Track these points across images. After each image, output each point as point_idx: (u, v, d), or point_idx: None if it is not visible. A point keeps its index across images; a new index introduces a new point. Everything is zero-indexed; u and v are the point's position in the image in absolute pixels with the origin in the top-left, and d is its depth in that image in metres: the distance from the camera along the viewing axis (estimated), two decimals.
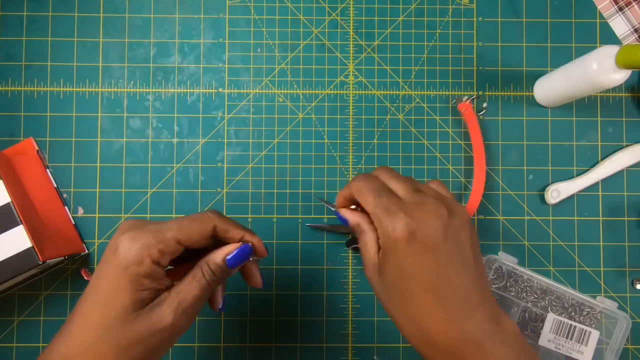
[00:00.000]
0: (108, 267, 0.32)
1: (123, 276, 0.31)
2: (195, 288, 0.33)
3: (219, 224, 0.35)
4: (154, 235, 0.32)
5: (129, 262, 0.31)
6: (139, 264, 0.31)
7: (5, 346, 0.49)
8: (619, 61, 0.40)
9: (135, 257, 0.31)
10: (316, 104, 0.51)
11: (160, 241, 0.32)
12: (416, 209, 0.33)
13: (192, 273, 0.34)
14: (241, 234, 0.36)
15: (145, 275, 0.31)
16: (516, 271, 0.47)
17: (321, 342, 0.50)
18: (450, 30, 0.52)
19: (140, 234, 0.32)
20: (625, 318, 0.46)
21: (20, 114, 0.50)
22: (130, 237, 0.32)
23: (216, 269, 0.34)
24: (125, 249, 0.31)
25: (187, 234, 0.33)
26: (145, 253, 0.31)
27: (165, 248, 0.32)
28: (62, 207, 0.49)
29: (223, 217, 0.35)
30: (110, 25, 0.51)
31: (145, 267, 0.31)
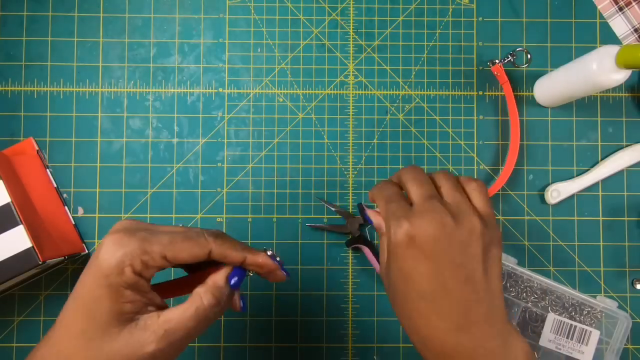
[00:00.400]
0: (89, 271, 0.29)
1: (103, 284, 0.28)
2: (191, 319, 0.29)
3: (216, 250, 0.31)
4: (141, 244, 0.29)
5: (109, 270, 0.28)
6: (119, 274, 0.28)
7: (5, 346, 0.49)
8: (619, 61, 0.40)
9: (116, 265, 0.28)
10: (316, 104, 0.51)
11: (145, 252, 0.29)
12: (420, 216, 0.33)
13: (190, 300, 0.30)
14: (242, 257, 0.32)
15: (127, 287, 0.28)
16: (516, 271, 0.47)
17: (321, 342, 0.50)
18: (450, 30, 0.52)
19: (127, 240, 0.29)
20: (625, 317, 0.46)
21: (20, 114, 0.50)
22: (114, 242, 0.29)
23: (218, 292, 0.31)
24: (107, 254, 0.28)
25: (176, 252, 0.29)
26: (127, 262, 0.28)
27: (150, 261, 0.29)
28: (62, 207, 0.49)
29: (223, 240, 0.32)
30: (110, 25, 0.51)
31: (126, 278, 0.28)
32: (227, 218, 0.50)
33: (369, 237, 0.50)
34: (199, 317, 0.30)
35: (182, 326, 0.29)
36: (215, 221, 0.50)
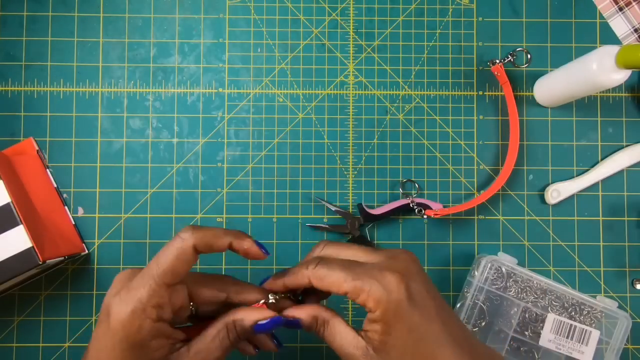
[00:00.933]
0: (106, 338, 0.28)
1: (126, 347, 0.27)
2: (217, 349, 0.30)
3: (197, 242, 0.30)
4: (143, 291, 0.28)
5: (126, 330, 0.27)
6: (139, 330, 0.27)
7: (5, 346, 0.49)
8: (619, 61, 0.40)
9: (132, 324, 0.27)
10: (316, 104, 0.51)
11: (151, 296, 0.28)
12: (395, 262, 0.30)
13: (215, 329, 0.30)
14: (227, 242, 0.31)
15: (151, 337, 0.28)
16: (516, 271, 0.47)
17: (321, 342, 0.49)
18: (450, 30, 0.52)
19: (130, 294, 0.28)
20: (625, 317, 0.46)
21: (20, 114, 0.50)
22: (120, 301, 0.28)
23: (242, 331, 0.31)
24: (119, 315, 0.27)
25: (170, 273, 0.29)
26: (142, 317, 0.27)
27: (159, 300, 0.28)
28: (62, 207, 0.49)
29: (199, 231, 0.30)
30: (110, 25, 0.51)
31: (147, 331, 0.27)
32: (227, 218, 0.50)
33: (369, 237, 0.50)
34: (224, 347, 0.30)
35: (211, 356, 0.30)
36: (215, 221, 0.50)
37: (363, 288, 0.29)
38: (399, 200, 0.49)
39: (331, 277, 0.29)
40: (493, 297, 0.47)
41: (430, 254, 0.50)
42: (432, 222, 0.51)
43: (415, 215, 0.50)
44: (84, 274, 0.49)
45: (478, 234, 0.50)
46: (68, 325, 0.49)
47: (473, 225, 0.51)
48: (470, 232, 0.50)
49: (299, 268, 0.31)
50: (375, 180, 0.51)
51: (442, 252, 0.50)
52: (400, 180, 0.51)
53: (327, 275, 0.30)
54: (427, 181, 0.51)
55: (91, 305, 0.49)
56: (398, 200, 0.49)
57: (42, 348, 0.49)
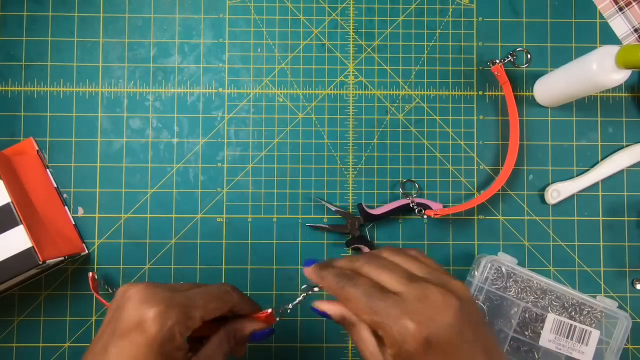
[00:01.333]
0: (138, 346, 0.30)
1: (158, 353, 0.30)
2: (220, 354, 0.34)
3: (238, 303, 0.35)
4: (184, 312, 0.31)
5: (164, 339, 0.30)
6: (172, 341, 0.30)
7: (5, 346, 0.49)
8: (619, 61, 0.40)
9: (169, 334, 0.30)
10: (316, 104, 0.51)
11: (189, 318, 0.31)
12: (421, 306, 0.29)
13: (218, 338, 0.34)
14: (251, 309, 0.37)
15: (177, 349, 0.31)
16: (516, 271, 0.47)
17: (321, 342, 0.50)
18: (450, 30, 0.52)
19: (172, 311, 0.31)
20: (625, 317, 0.46)
21: (20, 114, 0.50)
22: (161, 314, 0.30)
23: (241, 340, 0.36)
24: (159, 326, 0.30)
25: (211, 312, 0.33)
26: (177, 330, 0.31)
27: (192, 325, 0.32)
28: (62, 207, 0.49)
29: (240, 295, 0.36)
30: (110, 25, 0.51)
31: (177, 343, 0.31)
32: (227, 218, 0.50)
33: (369, 237, 0.50)
34: (224, 354, 0.34)
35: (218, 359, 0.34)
36: (215, 221, 0.50)
37: (380, 326, 0.29)
38: (399, 200, 0.49)
39: (354, 305, 0.31)
40: (493, 297, 0.47)
41: (430, 254, 0.50)
42: (432, 222, 0.51)
43: (415, 215, 0.50)
44: (84, 274, 0.49)
45: (478, 234, 0.50)
46: (68, 325, 0.49)
47: (473, 225, 0.51)
48: (470, 232, 0.50)
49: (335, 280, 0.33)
50: (375, 180, 0.51)
51: (442, 252, 0.50)
52: (400, 180, 0.51)
53: (350, 299, 0.31)
54: (427, 181, 0.51)
55: (91, 305, 0.49)
56: (398, 200, 0.49)
57: (42, 348, 0.49)
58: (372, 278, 0.32)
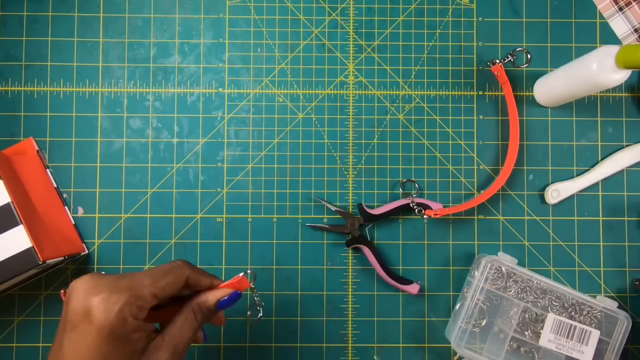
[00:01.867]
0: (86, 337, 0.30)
1: (111, 340, 0.30)
2: (189, 331, 0.34)
3: (191, 275, 0.35)
4: (131, 294, 0.31)
5: (113, 325, 0.30)
6: (124, 324, 0.30)
7: (5, 346, 0.49)
8: (619, 61, 0.40)
9: (118, 319, 0.30)
10: (316, 104, 0.51)
11: (138, 298, 0.31)
12: None
13: (183, 316, 0.34)
14: (209, 281, 0.36)
15: (133, 331, 0.31)
16: (516, 271, 0.47)
17: (321, 342, 0.50)
18: (450, 30, 0.52)
19: (116, 295, 0.30)
20: (625, 317, 0.46)
21: (20, 114, 0.50)
22: (105, 300, 0.30)
23: (207, 311, 0.35)
24: (105, 312, 0.30)
25: (162, 288, 0.33)
26: (127, 313, 0.30)
27: (144, 304, 0.32)
28: (62, 207, 0.49)
29: (194, 267, 0.36)
30: (110, 25, 0.51)
31: (130, 325, 0.30)
32: (227, 218, 0.50)
33: (369, 237, 0.50)
34: (193, 329, 0.34)
35: (185, 338, 0.34)
36: (215, 221, 0.50)
37: None
38: (399, 200, 0.49)
39: None
40: (493, 297, 0.47)
41: (430, 254, 0.50)
42: (432, 222, 0.51)
43: (415, 215, 0.50)
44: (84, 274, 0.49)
45: (478, 234, 0.50)
46: None
47: (473, 225, 0.51)
48: (470, 232, 0.50)
49: None
50: (375, 180, 0.51)
51: (442, 252, 0.50)
52: (400, 180, 0.51)
53: None
54: (427, 181, 0.51)
55: None
56: (398, 200, 0.49)
57: (42, 348, 0.49)
58: None
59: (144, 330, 0.32)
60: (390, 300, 0.50)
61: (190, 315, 0.35)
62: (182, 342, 0.33)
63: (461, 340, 0.46)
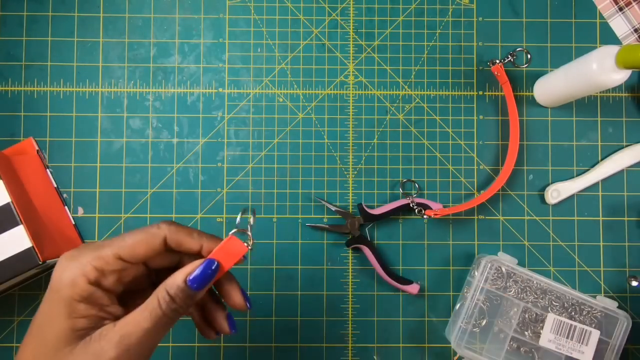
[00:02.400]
0: (46, 300, 0.27)
1: (55, 301, 0.26)
2: (146, 320, 0.27)
3: (170, 235, 0.29)
4: (92, 252, 0.27)
5: (60, 284, 0.26)
6: (72, 286, 0.26)
7: (5, 346, 0.49)
8: (619, 61, 0.40)
9: (69, 278, 0.26)
10: (316, 104, 0.51)
11: (97, 257, 0.27)
12: None
13: (144, 303, 0.28)
14: (198, 244, 0.30)
15: (80, 299, 0.26)
16: (516, 271, 0.47)
17: (321, 342, 0.50)
18: (450, 30, 0.52)
19: (77, 253, 0.27)
20: (625, 317, 0.46)
21: (20, 114, 0.50)
22: (66, 257, 0.27)
23: (177, 293, 0.28)
24: (60, 270, 0.27)
25: (129, 248, 0.28)
26: (79, 272, 0.26)
27: (104, 265, 0.27)
28: (62, 207, 0.49)
29: (176, 226, 0.30)
30: (110, 25, 0.51)
31: (80, 290, 0.26)
32: (227, 218, 0.50)
33: (369, 237, 0.50)
34: (154, 318, 0.27)
35: (139, 328, 0.27)
36: (215, 221, 0.50)
37: None
38: (399, 200, 0.49)
39: None
40: (493, 297, 0.47)
41: (430, 254, 0.50)
42: (432, 222, 0.51)
43: (415, 215, 0.50)
44: None
45: (478, 234, 0.50)
46: None
47: (473, 225, 0.51)
48: (470, 232, 0.50)
49: None
50: (375, 180, 0.51)
51: (442, 252, 0.50)
52: (400, 180, 0.51)
53: None
54: (427, 181, 0.51)
55: None
56: (398, 200, 0.49)
57: None
58: None
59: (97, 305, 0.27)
60: (390, 300, 0.50)
61: (153, 301, 0.27)
62: (133, 332, 0.27)
63: (461, 340, 0.46)
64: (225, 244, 0.30)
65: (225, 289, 0.31)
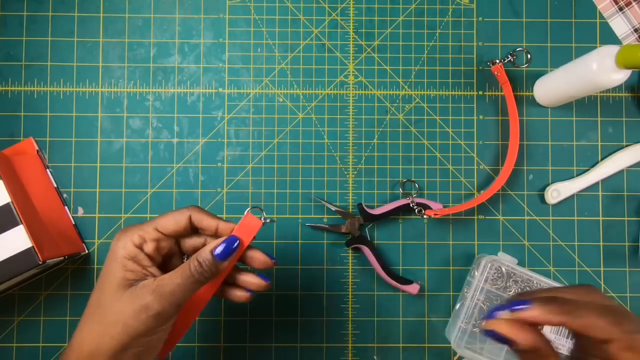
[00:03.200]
0: (107, 257, 0.36)
1: (112, 259, 0.36)
2: (177, 277, 0.35)
3: (194, 214, 0.37)
4: (138, 227, 0.37)
5: (117, 247, 0.36)
6: (124, 248, 0.35)
7: (5, 346, 0.49)
8: (619, 61, 0.40)
9: (121, 243, 0.36)
10: (316, 104, 0.51)
11: (140, 229, 0.36)
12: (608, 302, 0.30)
13: (179, 267, 0.36)
14: (215, 223, 0.38)
15: (129, 257, 0.35)
16: (516, 271, 0.47)
17: (321, 342, 0.50)
18: (450, 30, 0.52)
19: (129, 228, 0.37)
20: None
21: (20, 114, 0.50)
22: (122, 231, 0.37)
23: (204, 261, 0.36)
24: (116, 239, 0.36)
25: (163, 222, 0.37)
26: (129, 239, 0.36)
27: (145, 234, 0.36)
28: (62, 207, 0.49)
29: (200, 209, 0.38)
30: (110, 25, 0.51)
31: (128, 250, 0.35)
32: (227, 218, 0.50)
33: (369, 237, 0.50)
34: (184, 277, 0.35)
35: (171, 282, 0.35)
36: None
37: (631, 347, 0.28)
38: (399, 200, 0.49)
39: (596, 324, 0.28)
40: (493, 297, 0.47)
41: (430, 254, 0.50)
42: (432, 222, 0.51)
43: (415, 215, 0.50)
44: (84, 274, 0.49)
45: (478, 234, 0.50)
46: (68, 325, 0.49)
47: (473, 225, 0.51)
48: (470, 232, 0.50)
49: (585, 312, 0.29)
50: (375, 180, 0.51)
51: (442, 252, 0.50)
52: (400, 180, 0.51)
53: (590, 321, 0.29)
54: (427, 181, 0.51)
55: None
56: (398, 200, 0.49)
57: (42, 348, 0.49)
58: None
59: (141, 264, 0.35)
60: (390, 300, 0.50)
61: (185, 265, 0.35)
62: (167, 284, 0.34)
63: (461, 340, 0.46)
64: (244, 221, 0.37)
65: (249, 255, 0.39)
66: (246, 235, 0.38)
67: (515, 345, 0.29)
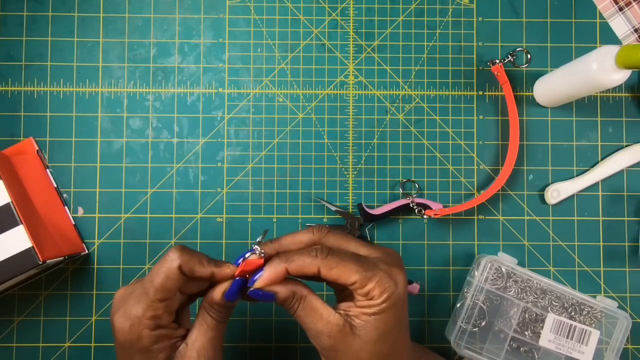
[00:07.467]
0: (118, 350, 0.33)
1: (133, 352, 0.32)
2: (208, 331, 0.33)
3: (183, 264, 0.32)
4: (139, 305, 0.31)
5: (130, 341, 0.31)
6: (139, 339, 0.31)
7: (5, 346, 0.49)
8: (619, 61, 0.40)
9: (132, 335, 0.31)
10: (316, 104, 0.51)
11: (146, 308, 0.31)
12: (394, 260, 0.34)
13: (198, 319, 0.34)
14: (209, 272, 0.33)
15: (153, 343, 0.31)
16: (516, 271, 0.47)
17: None
18: (450, 30, 0.52)
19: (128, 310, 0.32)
20: (625, 317, 0.46)
21: (20, 114, 0.50)
22: (120, 316, 0.32)
23: (218, 307, 0.34)
24: (121, 330, 0.32)
25: (162, 289, 0.31)
26: (140, 328, 0.31)
27: (154, 312, 0.31)
28: (62, 207, 0.49)
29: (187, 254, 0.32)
30: (110, 25, 0.51)
31: (148, 339, 0.31)
32: (227, 218, 0.50)
33: (369, 237, 0.50)
34: (212, 328, 0.33)
35: (206, 339, 0.33)
36: (215, 221, 0.50)
37: (372, 279, 0.31)
38: (399, 200, 0.49)
39: (343, 267, 0.31)
40: (493, 297, 0.47)
41: (430, 254, 0.50)
42: (432, 222, 0.51)
43: (415, 215, 0.50)
44: (84, 274, 0.49)
45: (478, 234, 0.50)
46: (68, 325, 0.49)
47: (473, 225, 0.51)
48: (470, 232, 0.50)
49: (306, 256, 0.32)
50: (375, 180, 0.51)
51: (442, 252, 0.50)
52: (400, 180, 0.51)
53: (339, 264, 0.31)
54: (427, 181, 0.51)
55: (91, 305, 0.49)
56: (398, 200, 0.49)
57: (42, 348, 0.49)
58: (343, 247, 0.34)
59: (168, 336, 0.32)
60: None
61: (203, 315, 0.34)
62: (204, 345, 0.33)
63: (461, 340, 0.46)
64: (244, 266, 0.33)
65: None
66: (250, 270, 0.34)
67: (278, 295, 0.33)
